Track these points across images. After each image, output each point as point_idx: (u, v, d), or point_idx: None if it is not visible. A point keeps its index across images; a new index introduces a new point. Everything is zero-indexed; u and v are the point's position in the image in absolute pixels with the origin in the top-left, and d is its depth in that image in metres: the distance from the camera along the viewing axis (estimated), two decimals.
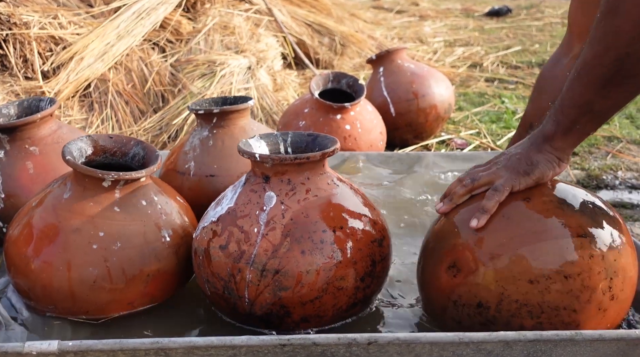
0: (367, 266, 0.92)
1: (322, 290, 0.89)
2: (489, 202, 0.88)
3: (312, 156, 0.92)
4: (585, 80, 0.79)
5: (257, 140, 1.01)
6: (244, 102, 1.31)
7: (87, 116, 2.14)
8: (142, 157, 1.05)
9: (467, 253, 0.88)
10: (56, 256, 0.92)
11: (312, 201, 0.92)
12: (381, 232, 0.96)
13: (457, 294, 0.89)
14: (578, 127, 0.84)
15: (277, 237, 0.89)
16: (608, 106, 0.80)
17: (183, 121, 2.10)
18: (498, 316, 0.86)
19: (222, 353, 0.77)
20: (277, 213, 0.91)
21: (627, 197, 1.87)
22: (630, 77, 0.75)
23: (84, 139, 1.03)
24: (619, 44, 0.73)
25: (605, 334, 0.79)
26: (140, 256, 0.95)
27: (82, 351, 0.75)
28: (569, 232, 0.85)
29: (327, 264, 0.89)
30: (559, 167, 0.88)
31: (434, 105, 2.06)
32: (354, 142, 1.71)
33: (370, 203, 1.00)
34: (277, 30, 3.03)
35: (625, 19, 0.71)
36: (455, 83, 3.10)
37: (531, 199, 0.88)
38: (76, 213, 0.94)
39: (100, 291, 0.93)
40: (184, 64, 2.35)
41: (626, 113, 2.67)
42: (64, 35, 2.23)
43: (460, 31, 4.42)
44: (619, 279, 0.85)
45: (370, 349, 0.78)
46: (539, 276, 0.84)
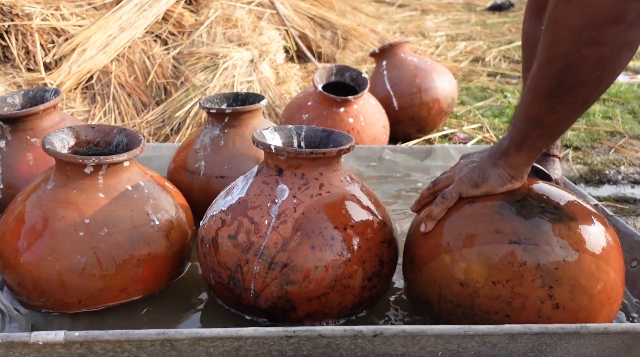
0: (375, 265, 0.92)
1: (330, 287, 0.89)
2: (435, 208, 0.91)
3: (328, 152, 0.92)
4: (532, 94, 0.76)
5: (271, 133, 1.01)
6: (256, 100, 1.30)
7: (89, 108, 2.14)
8: (126, 144, 1.03)
9: (417, 252, 0.93)
10: (43, 246, 0.91)
11: (325, 197, 0.91)
12: (390, 234, 0.96)
13: (414, 289, 0.96)
14: (529, 143, 0.81)
15: (287, 230, 0.88)
16: (556, 120, 0.77)
17: (185, 114, 2.09)
18: (439, 313, 0.89)
19: (228, 344, 0.77)
20: (289, 206, 0.90)
21: (629, 192, 1.87)
22: (573, 88, 0.72)
23: (65, 131, 1.01)
24: (558, 55, 0.70)
25: (610, 327, 0.79)
26: (129, 241, 0.94)
27: (89, 342, 0.75)
28: (500, 238, 0.83)
29: (337, 261, 0.88)
30: (511, 183, 0.86)
31: (437, 99, 2.05)
32: (357, 136, 1.70)
33: (380, 204, 0.99)
34: (279, 24, 3.02)
35: (563, 27, 0.69)
36: (458, 77, 3.09)
37: (475, 202, 0.88)
38: (60, 202, 0.93)
39: (91, 278, 0.92)
40: (186, 57, 2.34)
41: (629, 108, 2.67)
42: (66, 26, 2.23)
43: (462, 25, 4.40)
44: (563, 288, 0.81)
45: (375, 341, 0.78)
46: (468, 280, 0.84)
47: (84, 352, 0.77)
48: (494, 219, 0.85)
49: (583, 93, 0.73)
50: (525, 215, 0.84)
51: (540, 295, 0.81)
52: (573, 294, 0.81)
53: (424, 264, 0.91)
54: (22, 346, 0.75)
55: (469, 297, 0.85)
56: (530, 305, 0.81)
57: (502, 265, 0.82)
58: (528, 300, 0.81)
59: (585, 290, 0.82)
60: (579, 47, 0.68)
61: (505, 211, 0.85)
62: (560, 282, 0.81)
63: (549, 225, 0.83)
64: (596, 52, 0.68)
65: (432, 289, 0.90)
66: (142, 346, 0.77)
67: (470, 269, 0.84)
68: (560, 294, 0.81)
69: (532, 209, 0.85)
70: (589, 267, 0.82)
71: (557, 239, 0.82)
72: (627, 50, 0.69)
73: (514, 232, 0.83)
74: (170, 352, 0.78)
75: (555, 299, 0.81)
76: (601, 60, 0.69)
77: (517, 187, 0.87)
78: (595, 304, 0.83)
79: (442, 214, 0.90)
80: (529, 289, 0.81)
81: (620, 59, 0.69)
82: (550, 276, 0.81)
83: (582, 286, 0.81)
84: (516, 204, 0.86)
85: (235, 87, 2.18)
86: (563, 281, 0.81)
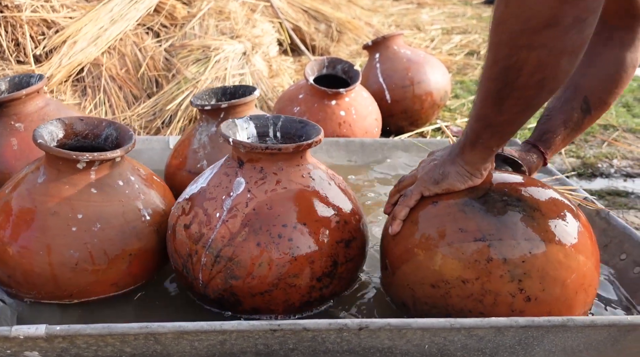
0: (326, 266, 0.90)
1: (273, 285, 0.87)
2: (398, 208, 0.91)
3: (284, 148, 0.89)
4: (481, 94, 0.77)
5: (246, 121, 1.00)
6: (246, 92, 1.28)
7: (80, 101, 2.12)
8: (116, 138, 1.03)
9: (389, 255, 0.93)
10: (35, 240, 0.91)
11: (280, 193, 0.89)
12: (352, 233, 0.93)
13: (390, 293, 0.96)
14: (481, 141, 0.81)
15: (236, 225, 0.87)
16: (504, 121, 0.76)
17: (177, 107, 2.08)
18: (416, 316, 0.89)
19: (212, 338, 0.77)
20: (242, 201, 0.89)
21: (622, 185, 1.87)
22: (516, 90, 0.71)
23: (54, 123, 1.00)
24: (500, 57, 0.70)
25: (596, 320, 0.79)
26: (121, 236, 0.94)
27: (71, 336, 0.74)
28: (465, 237, 0.83)
29: (281, 260, 0.87)
30: (471, 180, 0.86)
31: (429, 92, 2.04)
32: (348, 129, 1.69)
33: (351, 202, 0.96)
34: (273, 16, 3.00)
35: (503, 30, 0.68)
36: (452, 71, 3.08)
37: (438, 202, 0.88)
38: (52, 196, 0.92)
39: (83, 272, 0.92)
40: (178, 49, 2.32)
41: (622, 101, 2.66)
42: (57, 18, 2.20)
43: (457, 19, 4.39)
44: (533, 280, 0.80)
45: (361, 335, 0.77)
46: (439, 281, 0.84)
47: (66, 347, 0.76)
48: (458, 217, 0.85)
49: (526, 96, 0.72)
50: (489, 210, 0.84)
51: (510, 289, 0.81)
52: (544, 285, 0.81)
53: (397, 268, 0.90)
54: (2, 340, 0.74)
55: (441, 298, 0.84)
56: (502, 300, 0.81)
57: (469, 263, 0.82)
58: (499, 296, 0.81)
59: (556, 279, 0.81)
60: (517, 51, 0.68)
61: (468, 209, 0.85)
62: (529, 274, 0.80)
63: (512, 218, 0.83)
64: (534, 56, 0.68)
65: (406, 292, 0.89)
66: (125, 340, 0.76)
67: (439, 270, 0.84)
68: (531, 286, 0.80)
69: (494, 203, 0.84)
70: (556, 257, 0.81)
71: (522, 232, 0.81)
72: (569, 56, 0.68)
73: (477, 229, 0.83)
74: (155, 346, 0.77)
75: (525, 292, 0.81)
76: (540, 64, 0.68)
77: (477, 183, 0.87)
78: (568, 292, 0.82)
79: (405, 214, 0.90)
80: (499, 285, 0.81)
81: (561, 64, 0.68)
82: (518, 269, 0.80)
83: (552, 276, 0.81)
84: (479, 200, 0.85)
85: (228, 80, 2.16)
86: (532, 273, 0.80)
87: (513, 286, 0.80)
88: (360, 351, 0.80)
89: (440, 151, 0.93)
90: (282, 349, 0.79)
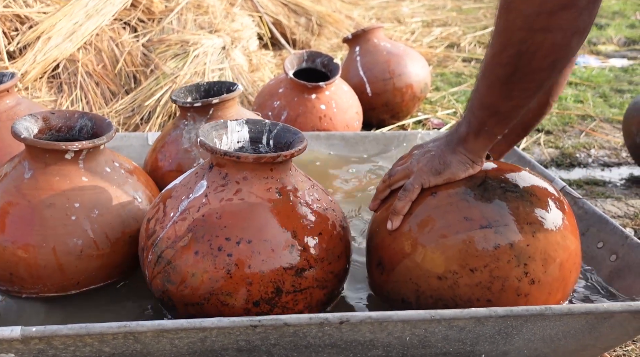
0: (267, 292, 0.83)
1: (204, 299, 0.83)
2: (399, 203, 0.88)
3: (244, 157, 0.84)
4: (488, 81, 0.77)
5: (240, 124, 0.97)
6: (222, 87, 1.26)
7: (56, 98, 2.08)
8: (91, 128, 1.04)
9: (386, 252, 0.90)
10: (36, 234, 0.91)
11: (235, 203, 0.84)
12: (309, 262, 0.85)
13: (386, 290, 0.92)
14: (486, 129, 0.81)
15: (182, 228, 0.84)
16: (512, 106, 0.77)
17: (156, 102, 2.05)
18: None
19: (193, 336, 0.76)
20: (195, 205, 0.85)
21: (599, 174, 1.90)
22: (528, 74, 0.72)
23: (27, 118, 1.00)
24: (512, 42, 0.71)
25: (574, 308, 0.80)
26: (119, 220, 0.97)
27: (47, 337, 0.73)
28: (470, 225, 0.83)
29: (216, 274, 0.82)
30: (472, 168, 0.86)
31: (410, 84, 2.05)
32: (329, 122, 1.69)
33: (321, 229, 0.87)
34: (252, 10, 2.98)
35: (515, 15, 0.69)
36: (433, 63, 3.09)
37: (437, 193, 0.87)
38: (44, 190, 0.93)
39: (89, 259, 0.94)
40: (156, 44, 2.29)
41: (599, 92, 2.70)
42: (30, 13, 2.16)
43: (438, 11, 4.40)
44: (536, 263, 0.82)
45: (342, 329, 0.77)
46: (446, 272, 0.84)
47: (43, 348, 0.74)
48: (461, 206, 0.85)
49: (538, 79, 0.73)
50: (490, 198, 0.85)
51: (517, 274, 0.82)
52: (545, 267, 0.83)
53: (396, 264, 0.88)
54: None
55: (449, 289, 0.84)
56: (509, 285, 0.82)
57: (477, 251, 0.82)
58: (507, 281, 0.82)
59: (555, 261, 0.83)
60: (532, 34, 0.69)
61: (469, 197, 0.85)
62: (533, 257, 0.82)
63: (513, 204, 0.84)
64: (549, 38, 0.68)
65: (408, 287, 0.87)
66: (104, 340, 0.75)
67: (446, 261, 0.83)
68: (535, 269, 0.82)
69: (494, 190, 0.85)
70: (555, 238, 0.83)
71: (524, 216, 0.83)
72: (579, 36, 0.70)
73: (482, 216, 0.83)
74: (134, 345, 0.76)
75: (530, 275, 0.82)
76: (554, 46, 0.69)
77: (477, 171, 0.87)
78: (565, 272, 0.85)
79: (407, 208, 0.88)
80: (506, 270, 0.82)
81: (572, 45, 0.70)
82: (524, 253, 0.82)
83: (552, 257, 0.83)
84: (478, 188, 0.86)
85: (207, 75, 2.14)
86: (536, 256, 0.82)
87: (519, 271, 0.82)
88: (342, 345, 0.80)
89: (432, 142, 0.92)
90: (264, 345, 0.79)
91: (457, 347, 0.82)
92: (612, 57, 3.40)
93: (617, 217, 1.60)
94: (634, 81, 2.88)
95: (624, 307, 0.81)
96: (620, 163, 1.98)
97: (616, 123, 2.31)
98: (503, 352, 0.84)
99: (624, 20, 4.26)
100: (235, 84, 1.26)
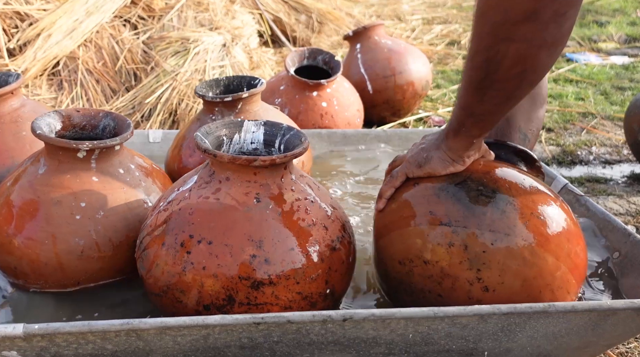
0: (219, 298, 0.80)
1: (162, 291, 0.83)
2: (384, 187, 0.94)
3: (220, 156, 0.83)
4: (464, 83, 0.77)
5: (256, 125, 0.96)
6: (244, 82, 1.25)
7: (56, 95, 2.08)
8: (113, 128, 1.04)
9: (374, 230, 0.96)
10: (40, 230, 0.92)
11: (209, 203, 0.83)
12: (270, 278, 0.80)
13: (374, 265, 0.98)
14: (464, 130, 0.82)
15: (161, 219, 0.85)
16: (485, 110, 0.77)
17: (156, 100, 2.05)
18: (387, 289, 0.94)
19: (195, 333, 0.76)
20: (179, 198, 0.86)
21: (600, 172, 1.89)
22: (497, 82, 0.72)
23: (51, 115, 1.01)
24: (481, 48, 0.71)
25: (577, 305, 0.80)
26: (125, 223, 0.96)
27: (50, 334, 0.73)
28: (432, 220, 0.84)
29: (173, 269, 0.81)
30: (453, 166, 0.87)
31: (411, 82, 2.04)
32: (330, 120, 1.69)
33: (295, 245, 0.82)
34: (253, 7, 2.97)
35: (484, 21, 0.69)
36: (433, 61, 3.08)
37: (419, 184, 0.89)
38: (54, 187, 0.93)
39: (89, 260, 0.94)
40: (156, 41, 2.28)
41: (601, 89, 2.70)
42: (30, 11, 2.15)
43: (438, 9, 4.39)
44: (492, 271, 0.80)
45: (345, 326, 0.77)
46: (405, 259, 0.87)
47: (45, 345, 0.74)
48: (431, 201, 0.86)
49: (506, 88, 0.73)
50: (461, 198, 0.85)
51: (468, 277, 0.82)
52: (503, 278, 0.81)
53: (376, 241, 0.95)
54: None
55: (406, 275, 0.87)
56: (460, 286, 0.82)
57: (432, 246, 0.84)
58: (457, 281, 0.82)
59: (517, 275, 0.80)
60: (497, 42, 0.68)
61: (442, 193, 0.86)
62: (489, 265, 0.81)
63: (481, 209, 0.83)
64: (513, 48, 0.68)
65: (381, 265, 0.94)
66: (106, 337, 0.75)
67: (405, 248, 0.87)
68: (489, 277, 0.81)
69: (469, 192, 0.85)
70: (521, 253, 0.81)
71: (488, 223, 0.81)
72: (547, 49, 0.68)
73: (445, 214, 0.84)
74: (137, 342, 0.76)
75: (483, 281, 0.81)
76: (519, 57, 0.69)
77: (460, 170, 0.87)
78: (532, 290, 0.81)
79: (390, 193, 0.93)
80: (457, 271, 0.82)
81: (541, 57, 0.69)
82: (478, 259, 0.81)
83: (513, 270, 0.80)
84: (455, 187, 0.86)
85: (207, 72, 2.14)
86: (491, 265, 0.81)
87: (471, 274, 0.82)
88: (345, 342, 0.80)
89: (431, 135, 0.93)
90: (267, 342, 0.78)
91: (460, 345, 0.82)
92: (613, 54, 3.39)
93: (619, 214, 1.60)
94: (635, 79, 2.87)
95: (627, 305, 0.81)
96: (621, 160, 1.98)
97: (617, 120, 2.31)
98: (506, 349, 0.84)
99: (625, 17, 4.25)
100: (257, 78, 1.27)
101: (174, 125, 2.03)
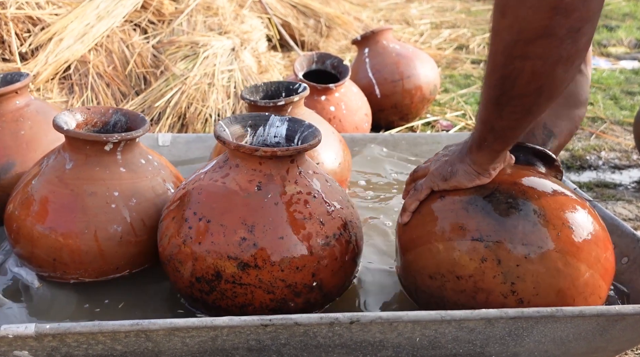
0: (208, 273, 0.87)
1: (167, 260, 0.92)
2: (409, 200, 0.94)
3: (228, 143, 0.90)
4: (483, 99, 0.78)
5: (281, 121, 1.02)
6: (282, 87, 1.29)
7: (67, 99, 2.10)
8: (125, 123, 1.09)
9: (399, 242, 0.95)
10: (78, 221, 0.97)
11: (217, 185, 0.90)
12: (255, 260, 0.85)
13: (401, 277, 0.97)
14: (486, 144, 0.82)
15: (178, 195, 0.95)
16: (505, 126, 0.77)
17: (166, 104, 2.06)
18: (419, 302, 0.93)
19: (204, 334, 0.76)
20: (196, 178, 0.94)
21: (610, 177, 1.88)
22: (514, 98, 0.72)
23: (66, 113, 1.05)
24: (496, 66, 0.71)
25: (585, 310, 0.80)
26: (154, 208, 1.03)
27: (60, 334, 0.74)
28: (463, 235, 0.84)
29: (176, 241, 0.90)
30: (479, 179, 0.86)
31: (419, 86, 2.05)
32: (338, 124, 1.69)
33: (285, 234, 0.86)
34: (261, 12, 2.99)
35: (499, 40, 0.69)
36: (442, 65, 3.08)
37: (445, 197, 0.88)
38: (86, 179, 0.99)
39: (128, 245, 1.00)
40: (166, 46, 2.30)
41: (610, 94, 2.68)
42: (42, 15, 2.18)
43: (446, 13, 4.39)
44: (526, 284, 0.80)
45: (353, 329, 0.78)
46: (435, 273, 0.86)
47: (56, 345, 0.75)
48: (460, 215, 0.85)
49: (524, 104, 0.73)
50: (491, 211, 0.84)
51: (502, 290, 0.81)
52: (537, 290, 0.81)
53: (403, 255, 0.94)
54: None
55: (438, 290, 0.86)
56: (494, 300, 0.82)
57: (464, 261, 0.83)
58: (491, 295, 0.82)
59: (552, 286, 0.81)
60: (512, 60, 0.69)
61: (471, 207, 0.85)
62: (523, 278, 0.81)
63: (513, 222, 0.82)
64: (529, 65, 0.68)
65: (409, 279, 0.93)
66: (116, 338, 0.76)
67: (436, 263, 0.86)
68: (524, 290, 0.81)
69: (498, 205, 0.84)
70: (554, 264, 0.81)
71: (520, 237, 0.81)
72: (564, 65, 0.68)
73: (477, 228, 0.83)
74: (146, 343, 0.77)
75: (518, 294, 0.81)
76: (535, 74, 0.69)
77: (485, 182, 0.87)
78: (565, 299, 0.82)
79: (414, 206, 0.92)
80: (491, 285, 0.82)
81: (557, 73, 0.69)
82: (512, 272, 0.81)
83: (547, 282, 0.81)
84: (483, 200, 0.86)
85: (216, 76, 2.15)
86: (526, 278, 0.81)
87: (505, 288, 0.81)
88: (352, 345, 0.80)
89: (454, 146, 0.93)
90: (274, 344, 0.79)
91: (467, 349, 0.82)
92: (622, 59, 3.38)
93: (628, 220, 1.59)
94: None
95: (635, 310, 0.81)
96: (630, 165, 1.97)
97: (627, 125, 2.30)
98: (513, 353, 0.84)
99: (635, 22, 4.23)
100: (295, 82, 1.30)
101: (183, 128, 2.04)
